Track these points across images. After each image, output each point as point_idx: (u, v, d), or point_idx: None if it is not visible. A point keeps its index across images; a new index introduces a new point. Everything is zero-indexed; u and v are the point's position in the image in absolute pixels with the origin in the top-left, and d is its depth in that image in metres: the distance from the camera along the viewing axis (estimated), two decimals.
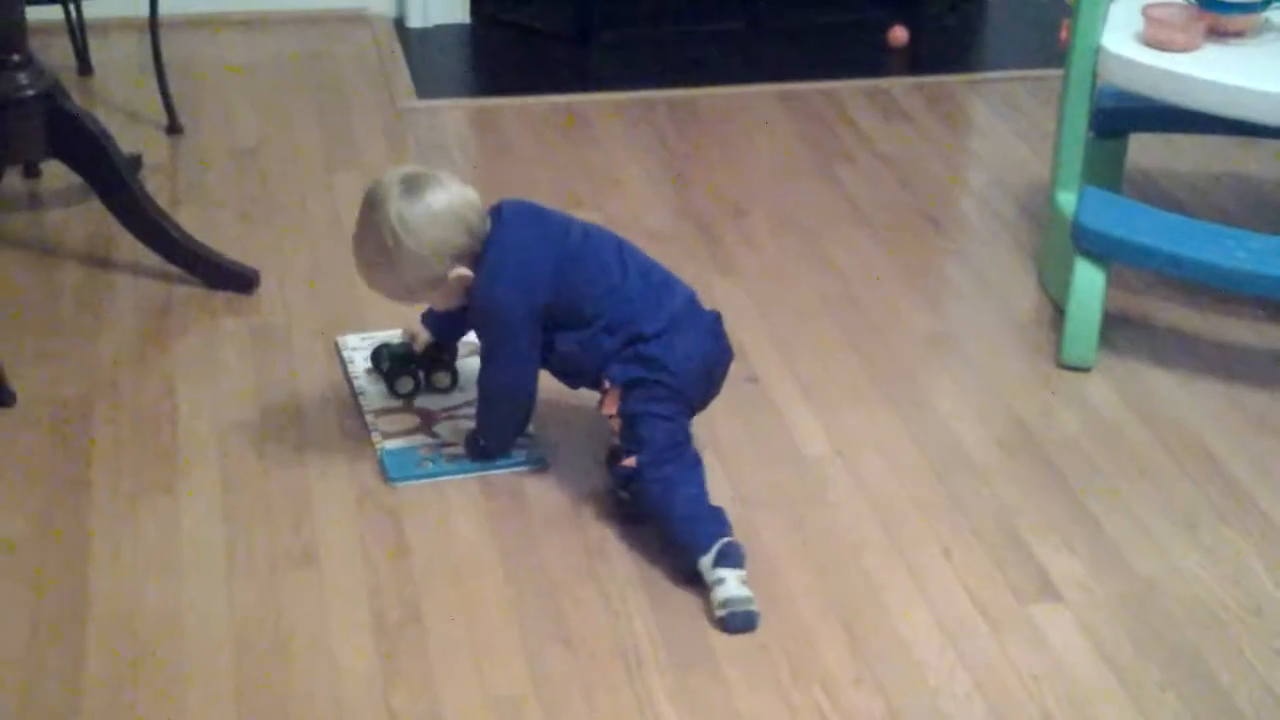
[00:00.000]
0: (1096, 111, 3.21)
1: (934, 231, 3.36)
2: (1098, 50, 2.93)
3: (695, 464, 2.45)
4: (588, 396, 2.58)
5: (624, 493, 2.47)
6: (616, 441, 2.49)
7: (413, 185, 2.45)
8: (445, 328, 2.72)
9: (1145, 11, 2.95)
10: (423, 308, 2.70)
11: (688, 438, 2.47)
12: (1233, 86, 2.80)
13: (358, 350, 2.82)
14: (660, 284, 2.54)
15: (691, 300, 2.56)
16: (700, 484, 2.43)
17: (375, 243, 2.45)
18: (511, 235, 2.48)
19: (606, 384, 2.48)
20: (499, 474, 2.57)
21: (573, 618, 2.29)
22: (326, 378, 2.78)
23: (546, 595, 2.33)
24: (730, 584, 2.30)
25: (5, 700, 2.12)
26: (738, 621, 2.28)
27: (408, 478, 2.54)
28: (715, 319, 2.56)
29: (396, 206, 2.43)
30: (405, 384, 2.71)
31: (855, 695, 2.17)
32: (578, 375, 2.55)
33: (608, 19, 4.28)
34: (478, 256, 2.47)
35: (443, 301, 2.55)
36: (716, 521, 2.38)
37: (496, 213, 2.51)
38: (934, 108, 3.92)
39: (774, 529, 2.47)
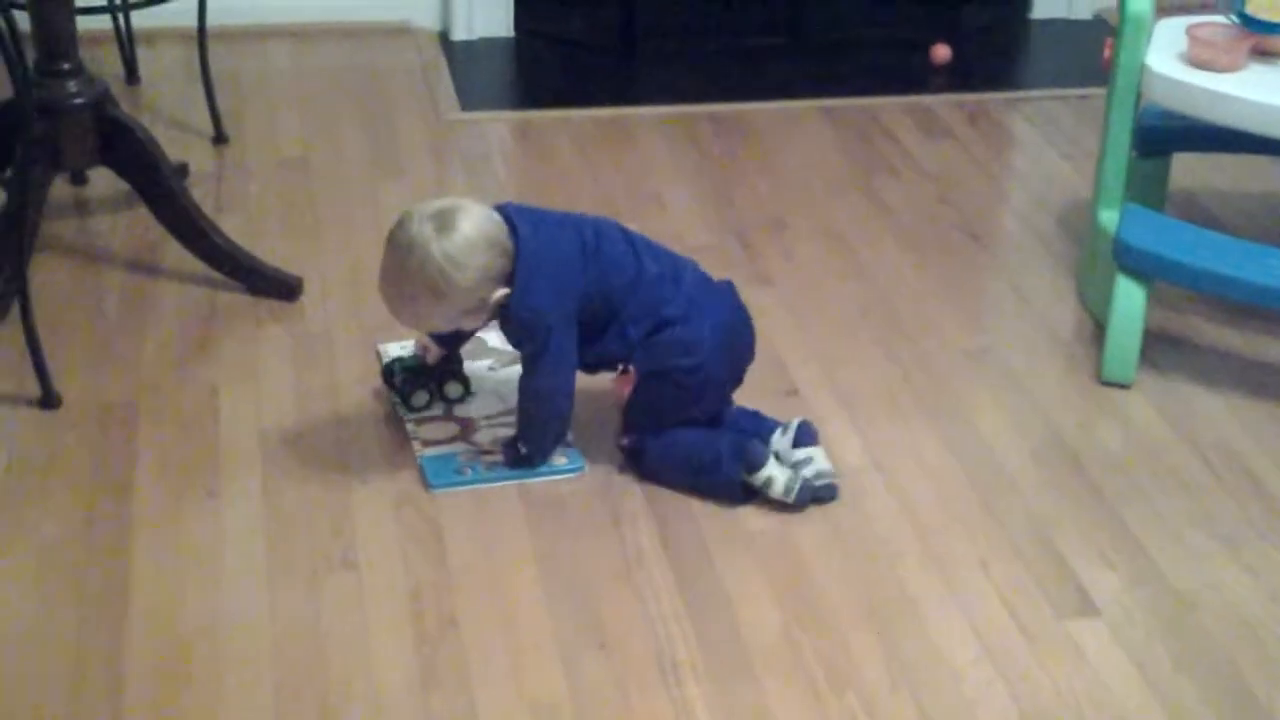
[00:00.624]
0: (1139, 130, 3.21)
1: (975, 247, 3.37)
2: (1142, 69, 2.93)
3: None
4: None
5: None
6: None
7: (444, 220, 2.46)
8: (448, 336, 2.72)
9: (1189, 31, 2.95)
10: None
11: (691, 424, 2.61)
12: (1276, 107, 2.79)
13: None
14: (670, 264, 2.61)
15: (701, 274, 2.64)
16: (693, 432, 2.57)
17: (423, 284, 2.46)
18: (537, 244, 2.51)
19: (629, 368, 2.56)
20: (538, 482, 2.58)
21: (610, 624, 2.30)
22: (367, 385, 2.80)
23: (584, 601, 2.34)
24: (776, 478, 2.52)
25: (49, 699, 2.15)
26: (806, 495, 2.52)
27: (447, 485, 2.56)
28: (729, 287, 2.65)
29: (439, 246, 2.45)
30: (420, 398, 2.71)
31: (890, 704, 2.17)
32: (607, 366, 2.62)
33: (651, 32, 4.30)
34: (511, 271, 2.50)
35: (477, 322, 2.57)
36: (726, 449, 2.54)
37: (509, 222, 2.53)
38: (975, 125, 3.93)
39: (811, 539, 2.48)
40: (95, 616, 2.28)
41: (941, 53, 4.24)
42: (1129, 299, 2.85)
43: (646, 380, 2.57)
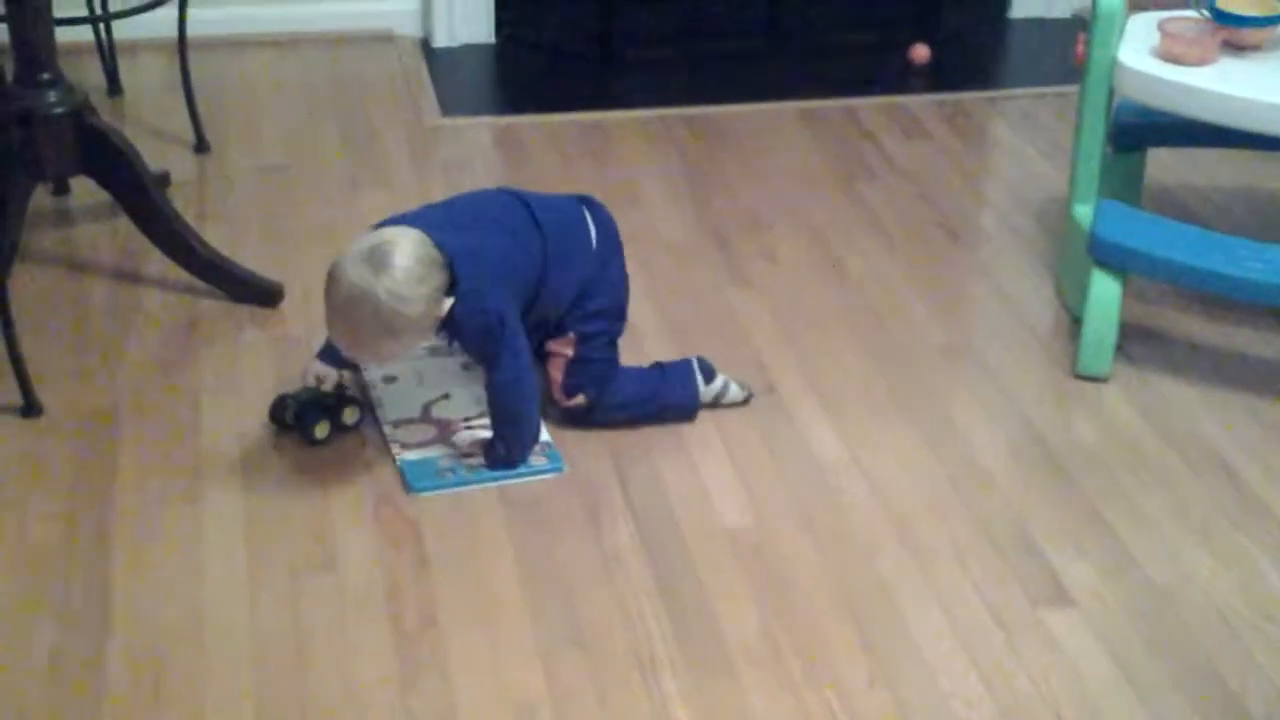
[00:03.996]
0: (1114, 126, 3.24)
1: (953, 245, 3.39)
2: (1114, 65, 2.95)
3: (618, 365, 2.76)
4: None
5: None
6: (554, 375, 2.70)
7: (378, 260, 2.46)
8: (342, 359, 2.69)
9: (1161, 26, 2.97)
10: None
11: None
12: (1247, 100, 2.82)
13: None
14: (571, 221, 2.71)
15: (590, 222, 2.73)
16: (630, 371, 2.75)
17: (377, 325, 2.47)
18: (464, 246, 2.53)
19: (567, 333, 2.70)
20: (517, 483, 2.59)
21: (588, 622, 2.32)
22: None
23: (563, 601, 2.36)
24: (729, 384, 2.79)
25: (30, 703, 2.16)
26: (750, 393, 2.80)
27: (428, 488, 2.57)
28: (601, 213, 2.77)
29: (382, 284, 2.45)
30: (323, 429, 2.67)
31: (867, 697, 2.19)
32: (541, 333, 2.71)
33: (630, 38, 4.32)
34: (450, 280, 2.52)
35: (430, 338, 2.59)
36: (673, 374, 2.76)
37: (432, 233, 2.53)
38: (954, 124, 3.95)
39: (789, 534, 2.50)
40: (76, 622, 2.29)
41: (921, 53, 4.26)
42: (1104, 293, 2.87)
43: (583, 341, 2.69)
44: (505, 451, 2.61)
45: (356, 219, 3.38)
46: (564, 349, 2.70)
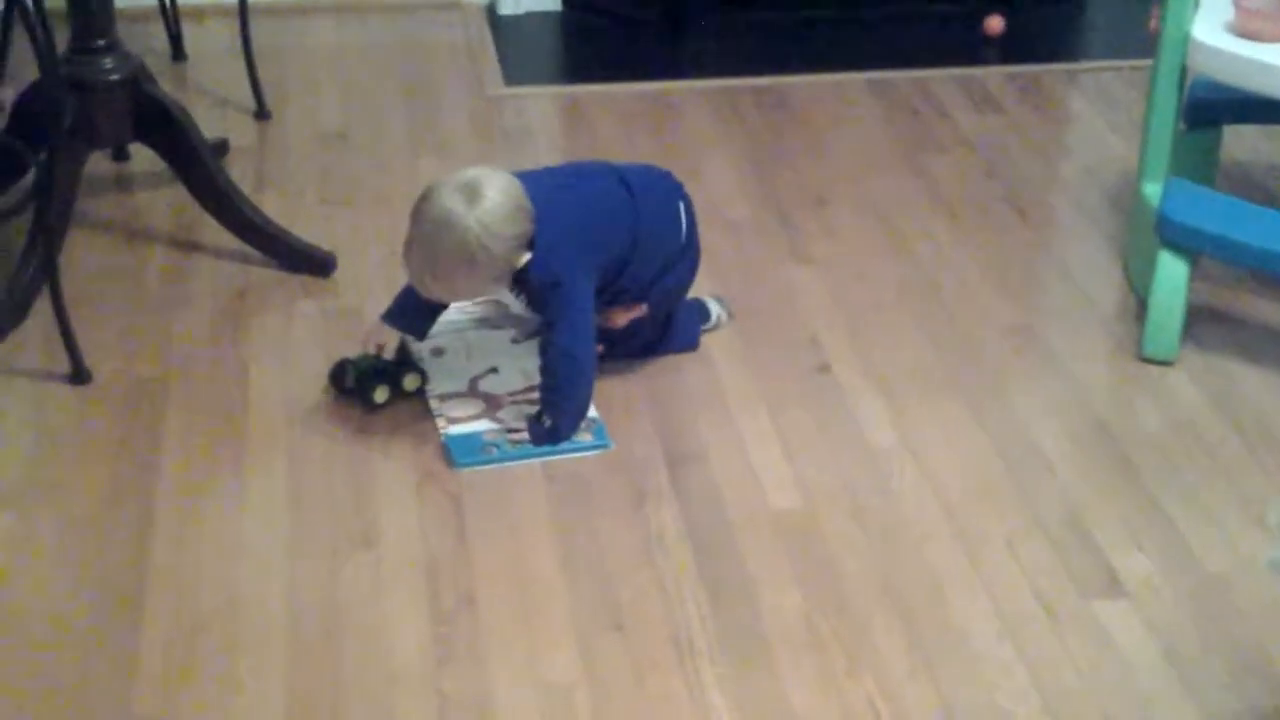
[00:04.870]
0: (1189, 102, 3.15)
1: (1020, 222, 3.31)
2: (1187, 40, 2.87)
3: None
4: (656, 388, 2.62)
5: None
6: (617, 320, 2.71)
7: (472, 191, 2.50)
8: (415, 321, 2.70)
9: (1236, 1, 2.87)
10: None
11: None
12: None
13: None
14: (663, 193, 2.72)
15: (682, 210, 2.75)
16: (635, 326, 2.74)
17: (459, 255, 2.49)
18: (550, 207, 2.55)
19: (641, 304, 2.70)
20: (562, 459, 2.56)
21: (628, 605, 2.28)
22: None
23: (603, 582, 2.32)
24: (720, 314, 2.89)
25: (65, 668, 2.15)
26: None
27: (472, 463, 2.54)
28: (689, 201, 2.79)
29: (472, 215, 2.47)
30: (382, 393, 2.65)
31: (909, 688, 2.14)
32: (619, 305, 2.70)
33: (698, 6, 4.25)
34: (532, 236, 2.53)
35: (498, 288, 2.59)
36: (683, 314, 2.81)
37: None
38: (1027, 98, 3.86)
39: (836, 520, 2.44)
40: (115, 591, 2.28)
41: (995, 24, 4.17)
42: (1171, 274, 2.80)
43: (652, 312, 2.70)
44: (552, 424, 2.57)
45: (415, 189, 3.32)
46: (622, 317, 2.70)
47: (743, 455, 2.58)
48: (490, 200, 2.49)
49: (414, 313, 2.69)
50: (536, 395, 2.64)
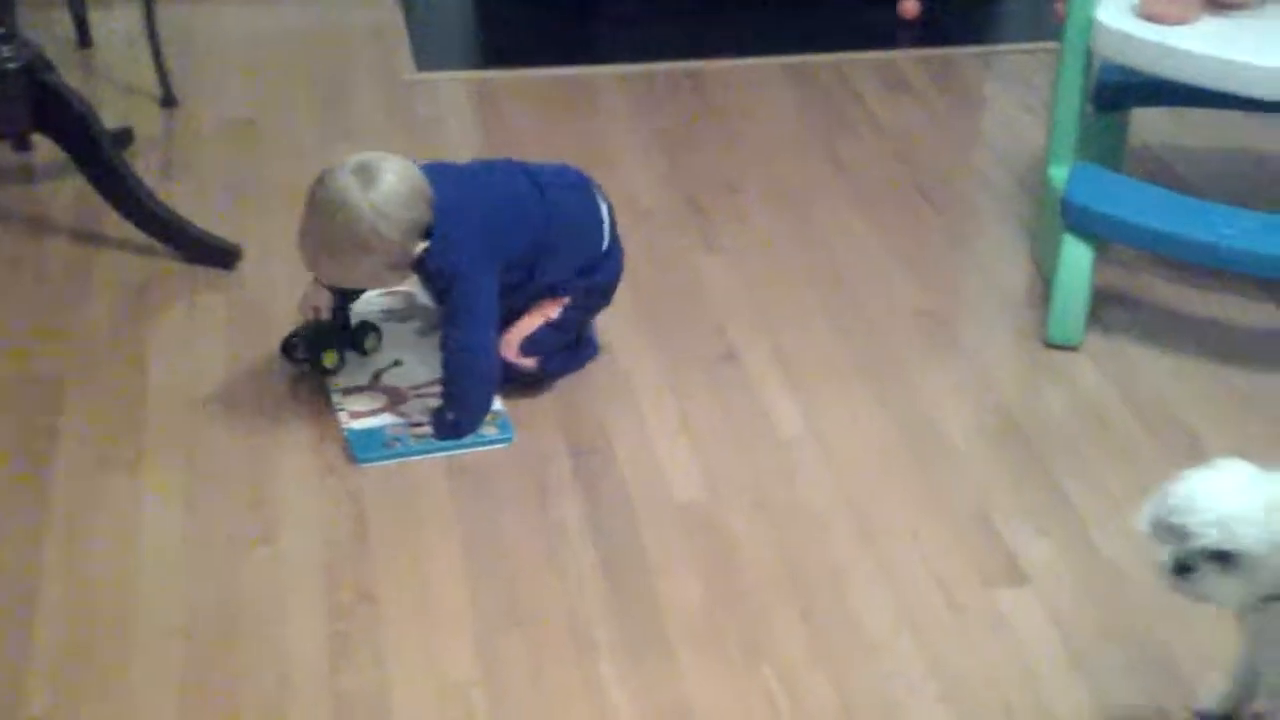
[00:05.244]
0: (1097, 86, 3.16)
1: (930, 207, 3.31)
2: (1092, 24, 2.87)
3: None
4: (561, 380, 2.66)
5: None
6: (523, 329, 2.63)
7: (368, 174, 2.47)
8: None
9: None
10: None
11: None
12: (1223, 60, 2.73)
13: None
14: (580, 194, 2.68)
15: (603, 207, 2.72)
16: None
17: (350, 239, 2.47)
18: (451, 197, 2.53)
19: (562, 296, 2.65)
20: (465, 454, 2.54)
21: (528, 600, 2.26)
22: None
23: (504, 577, 2.30)
24: None
25: None
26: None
27: (373, 459, 2.52)
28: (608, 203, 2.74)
29: (366, 198, 2.45)
30: (331, 358, 2.65)
31: (808, 680, 2.13)
32: (534, 297, 2.65)
33: None
34: (431, 224, 2.51)
35: (397, 278, 2.56)
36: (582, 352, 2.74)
37: (430, 177, 2.54)
38: (941, 81, 3.86)
39: (740, 511, 2.44)
40: (7, 589, 2.25)
41: (910, 7, 4.17)
42: (1075, 259, 2.80)
43: (569, 308, 2.65)
44: (454, 418, 2.55)
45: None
46: (550, 310, 2.65)
47: (647, 447, 2.57)
48: (385, 183, 2.46)
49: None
50: (439, 389, 2.61)
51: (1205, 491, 1.86)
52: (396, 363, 2.73)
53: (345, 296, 2.70)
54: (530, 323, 2.64)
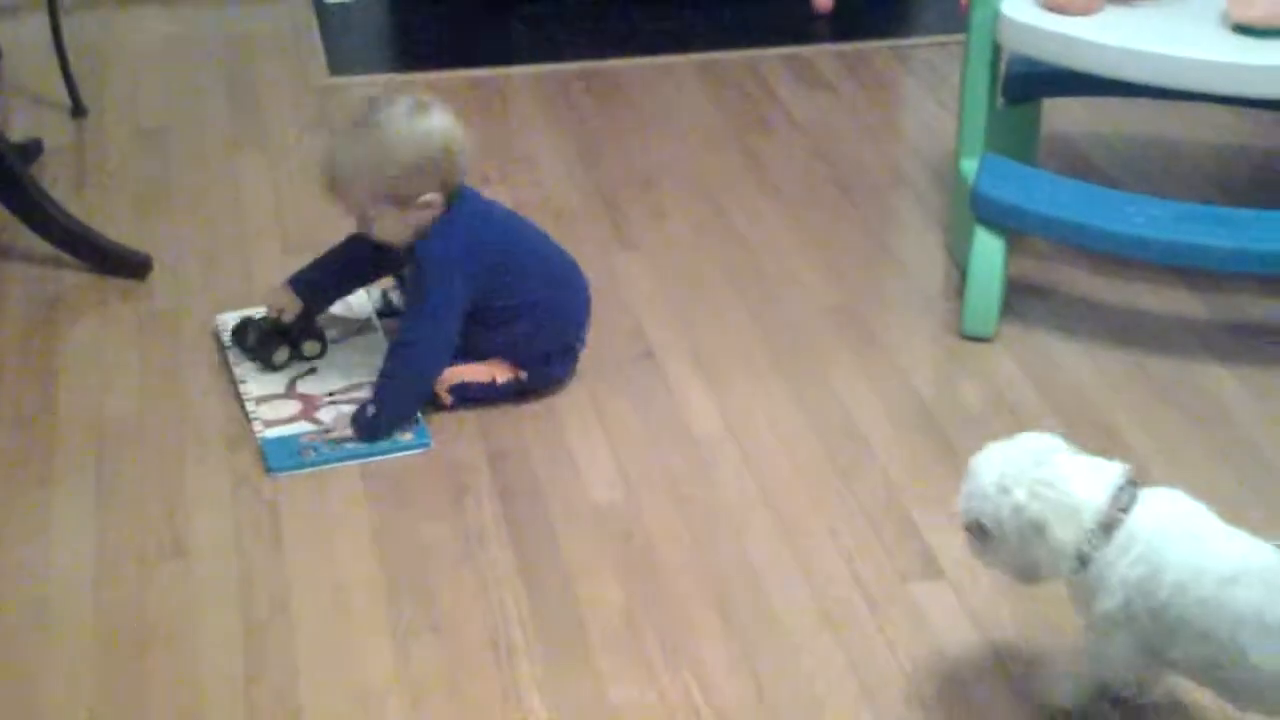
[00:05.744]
0: (1007, 77, 3.17)
1: (845, 202, 3.31)
2: (996, 15, 2.88)
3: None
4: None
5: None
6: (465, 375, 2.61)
7: (423, 105, 2.55)
8: (318, 293, 2.71)
9: None
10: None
11: None
12: (1125, 50, 2.74)
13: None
14: (578, 291, 2.70)
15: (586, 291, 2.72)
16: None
17: (375, 142, 2.50)
18: (475, 205, 2.59)
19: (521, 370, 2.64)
20: (380, 460, 2.52)
21: (446, 606, 2.25)
22: (210, 365, 2.73)
23: (421, 584, 2.29)
24: None
25: None
26: None
27: (288, 467, 2.49)
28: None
29: (408, 112, 2.52)
30: (281, 354, 2.67)
31: (727, 681, 2.13)
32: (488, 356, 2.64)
33: None
34: (443, 207, 2.53)
35: (392, 231, 2.55)
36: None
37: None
38: (855, 75, 3.87)
39: (658, 511, 2.43)
40: None
41: (823, 1, 4.17)
42: (987, 251, 2.81)
43: (517, 381, 2.65)
44: (375, 412, 2.52)
45: (234, 186, 3.30)
46: (500, 373, 2.64)
47: (565, 448, 2.56)
48: (434, 118, 2.53)
49: (319, 285, 2.71)
50: (354, 395, 2.60)
51: (975, 465, 2.00)
52: (311, 370, 2.70)
53: (313, 310, 2.72)
54: (475, 373, 2.61)
